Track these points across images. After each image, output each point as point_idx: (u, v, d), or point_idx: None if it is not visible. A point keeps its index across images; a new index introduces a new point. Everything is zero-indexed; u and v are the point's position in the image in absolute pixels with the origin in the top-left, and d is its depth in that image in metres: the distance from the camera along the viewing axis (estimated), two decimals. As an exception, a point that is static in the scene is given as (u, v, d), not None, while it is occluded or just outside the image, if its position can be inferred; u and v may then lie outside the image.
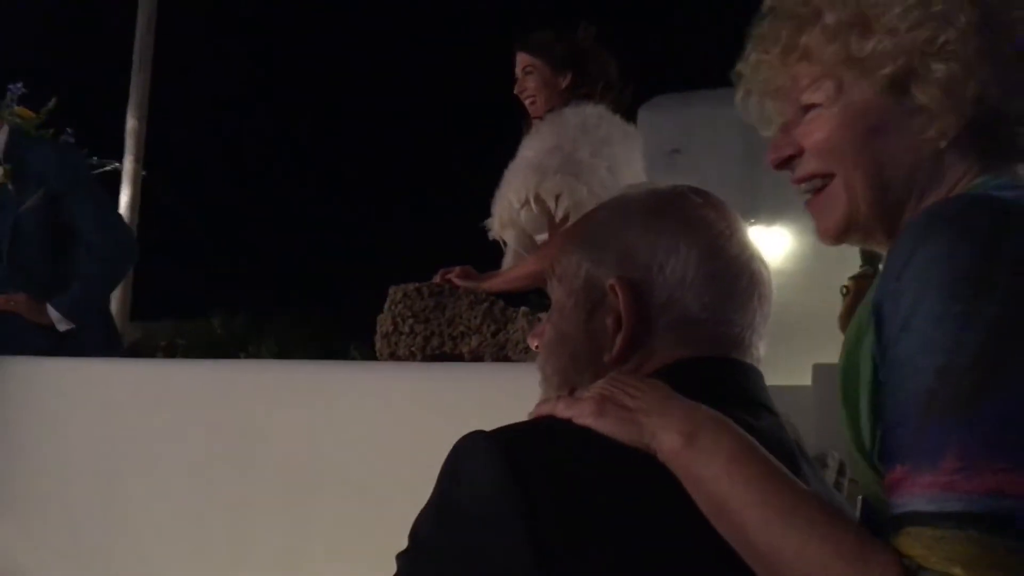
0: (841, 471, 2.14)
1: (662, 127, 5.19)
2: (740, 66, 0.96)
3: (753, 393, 0.84)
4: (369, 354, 2.30)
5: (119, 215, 2.91)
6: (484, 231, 2.41)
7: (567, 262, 0.90)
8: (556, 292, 0.91)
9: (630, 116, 2.49)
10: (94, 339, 2.81)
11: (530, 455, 0.70)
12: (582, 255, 0.89)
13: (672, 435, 0.72)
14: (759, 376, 0.87)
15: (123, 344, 4.27)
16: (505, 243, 2.39)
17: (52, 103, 3.54)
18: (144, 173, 7.28)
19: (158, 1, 7.46)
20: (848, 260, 4.75)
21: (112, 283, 3.01)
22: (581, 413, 0.76)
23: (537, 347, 0.95)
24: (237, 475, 1.95)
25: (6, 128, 2.84)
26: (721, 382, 0.83)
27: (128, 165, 7.23)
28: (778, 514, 0.67)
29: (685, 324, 0.84)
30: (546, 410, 0.80)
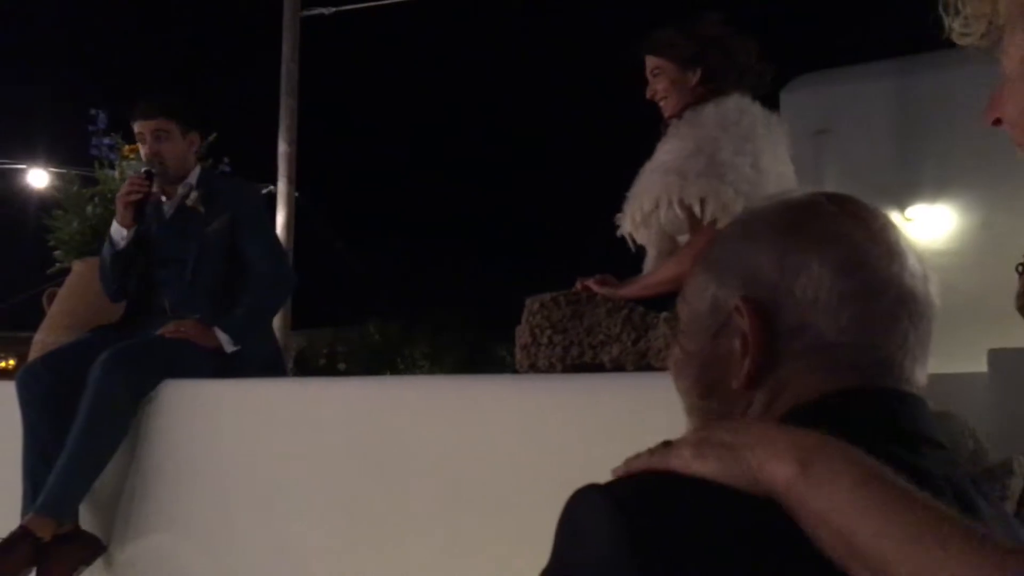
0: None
1: (806, 108, 4.96)
2: None
3: (912, 425, 0.75)
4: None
5: (283, 248, 3.09)
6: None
7: (694, 284, 0.86)
8: (683, 314, 0.87)
9: (772, 100, 2.38)
10: (259, 360, 2.95)
11: (646, 512, 0.66)
12: (708, 276, 0.84)
13: (782, 464, 0.64)
14: (920, 404, 0.77)
15: (287, 363, 4.45)
16: (634, 241, 2.32)
17: (213, 137, 3.77)
18: (296, 194, 7.67)
19: (301, 30, 7.85)
20: (1022, 234, 4.30)
21: (274, 311, 3.19)
22: (680, 459, 0.69)
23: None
24: (384, 490, 2.01)
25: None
26: (871, 415, 0.74)
27: (282, 187, 7.65)
28: (921, 546, 0.56)
29: (819, 350, 0.76)
30: (640, 465, 0.72)
